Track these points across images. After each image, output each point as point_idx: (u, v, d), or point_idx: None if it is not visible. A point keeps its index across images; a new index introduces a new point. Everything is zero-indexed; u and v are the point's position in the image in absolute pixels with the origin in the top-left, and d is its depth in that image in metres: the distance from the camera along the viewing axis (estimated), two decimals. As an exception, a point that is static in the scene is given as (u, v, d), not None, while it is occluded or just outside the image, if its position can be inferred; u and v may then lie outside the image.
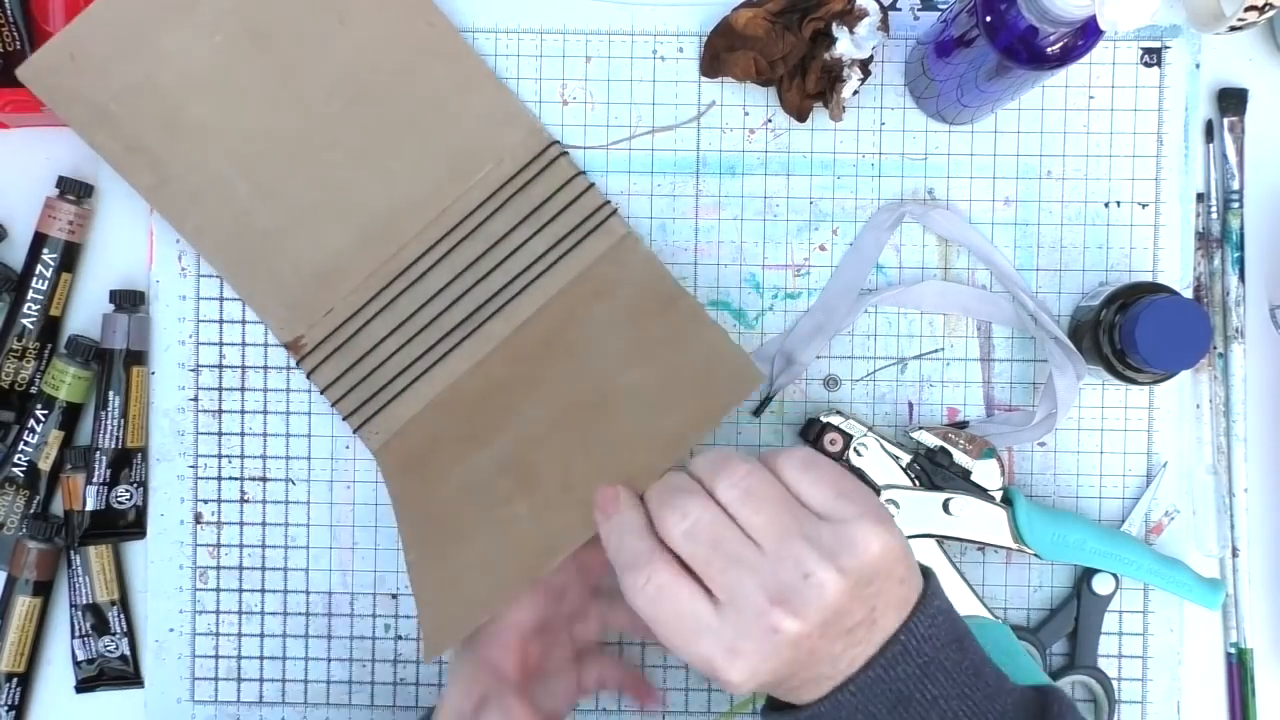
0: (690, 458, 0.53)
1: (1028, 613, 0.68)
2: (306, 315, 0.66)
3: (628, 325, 0.64)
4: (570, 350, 0.64)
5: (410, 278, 0.66)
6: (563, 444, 0.61)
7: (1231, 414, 0.68)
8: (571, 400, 0.63)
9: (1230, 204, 0.68)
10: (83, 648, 0.68)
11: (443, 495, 0.63)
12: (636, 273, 0.65)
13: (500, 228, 0.66)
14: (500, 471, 0.62)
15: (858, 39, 0.63)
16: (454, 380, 0.65)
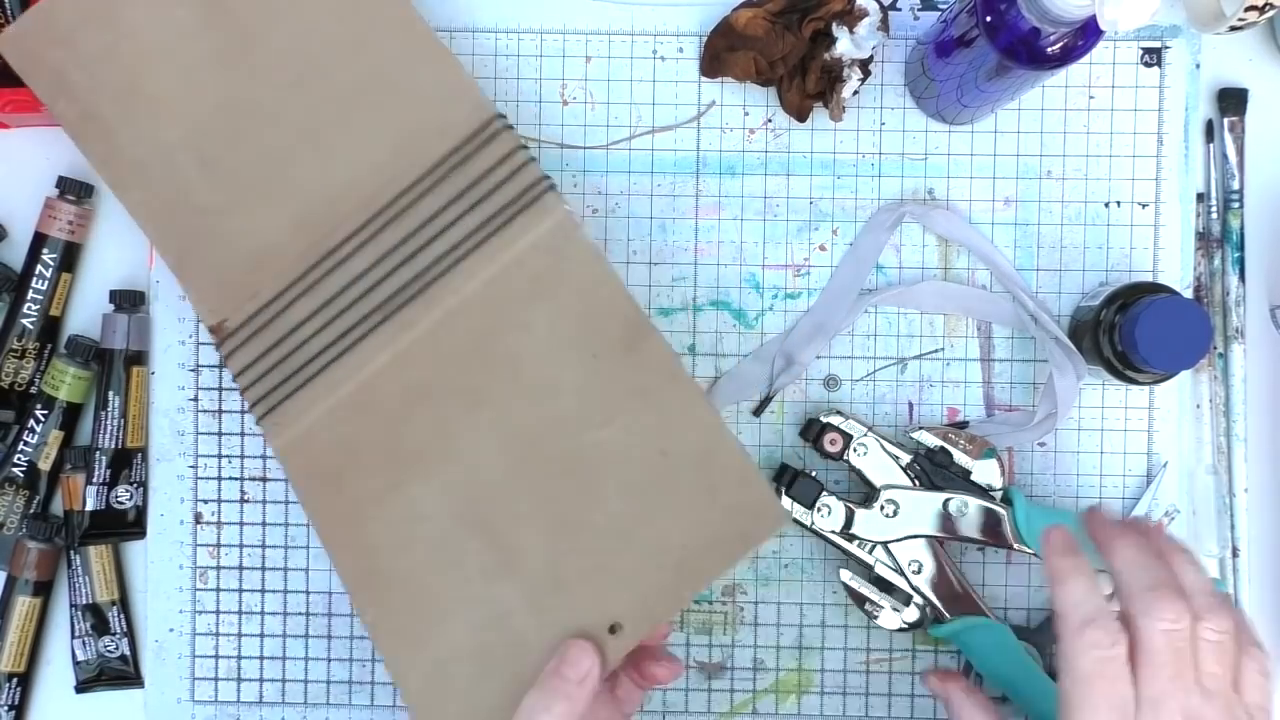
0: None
1: (1028, 613, 0.68)
2: (233, 298, 0.62)
3: (579, 348, 0.58)
4: (514, 366, 0.59)
5: (338, 258, 0.61)
6: (531, 505, 0.58)
7: (1232, 414, 0.68)
8: (528, 439, 0.58)
9: (1230, 204, 0.68)
10: (83, 648, 0.68)
11: (383, 536, 0.59)
12: (581, 271, 0.59)
13: (433, 206, 0.61)
14: (452, 517, 0.58)
15: (858, 39, 0.63)
16: (369, 376, 0.60)
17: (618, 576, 0.56)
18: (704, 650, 0.68)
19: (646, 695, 0.63)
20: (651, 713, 0.68)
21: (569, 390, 0.58)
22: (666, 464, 0.57)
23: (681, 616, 0.68)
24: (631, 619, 0.56)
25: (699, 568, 0.56)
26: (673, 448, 0.57)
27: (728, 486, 0.57)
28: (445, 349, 0.60)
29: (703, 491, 0.57)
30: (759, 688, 0.68)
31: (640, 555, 0.56)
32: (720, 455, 0.57)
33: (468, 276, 0.60)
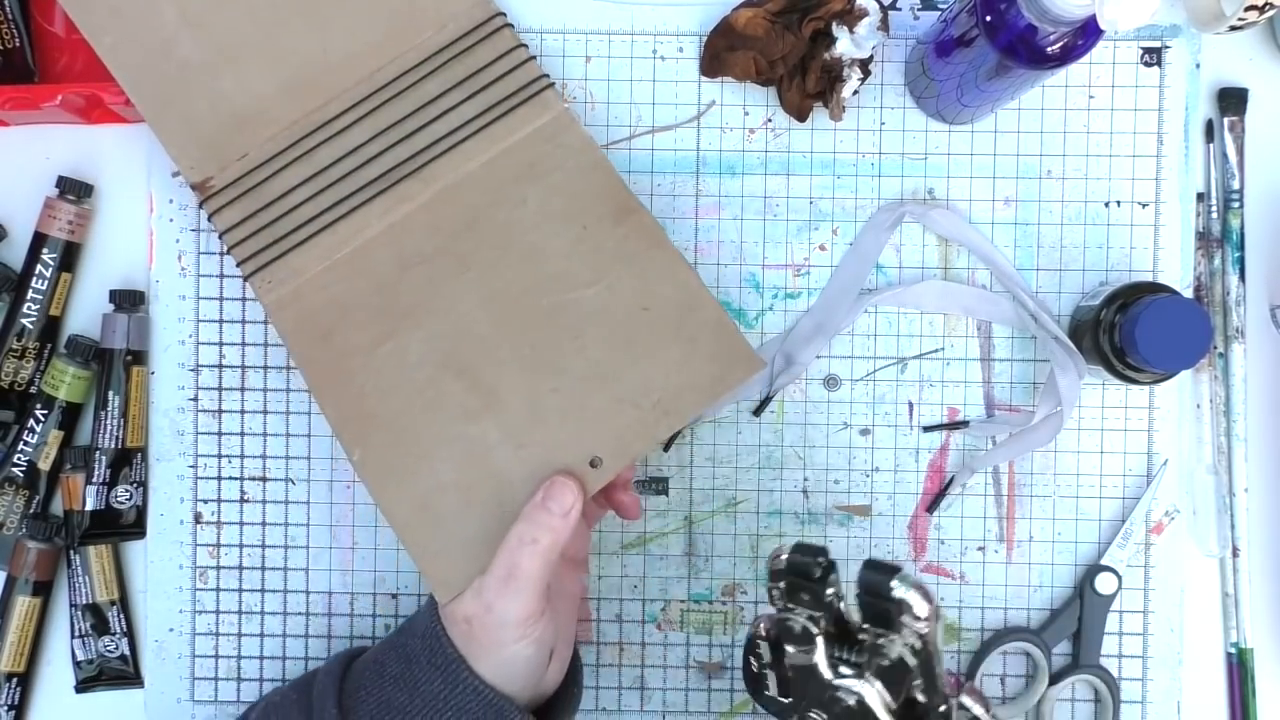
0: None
1: (1028, 613, 0.68)
2: (219, 157, 0.64)
3: (568, 221, 0.62)
4: (505, 237, 0.62)
5: (331, 130, 0.63)
6: (512, 352, 0.60)
7: (1232, 414, 0.68)
8: (512, 296, 0.61)
9: (1230, 204, 0.68)
10: (83, 648, 0.68)
11: (371, 382, 0.61)
12: (574, 158, 0.63)
13: (432, 90, 0.64)
14: (436, 364, 0.60)
15: (858, 39, 0.63)
16: (363, 241, 0.62)
17: (596, 415, 0.59)
18: (704, 650, 0.68)
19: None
20: (651, 713, 0.68)
21: (556, 255, 0.61)
22: (647, 317, 0.60)
23: (681, 616, 0.68)
24: (610, 453, 0.58)
25: (676, 407, 0.59)
26: (654, 304, 0.60)
27: (705, 337, 0.60)
28: (440, 221, 0.62)
29: (682, 341, 0.60)
30: (759, 688, 0.68)
31: (618, 396, 0.59)
32: (699, 310, 0.60)
33: (466, 158, 0.63)
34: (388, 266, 0.62)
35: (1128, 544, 0.67)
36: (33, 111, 0.66)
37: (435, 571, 0.58)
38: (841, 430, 0.68)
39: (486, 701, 0.55)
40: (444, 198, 0.63)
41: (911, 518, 0.68)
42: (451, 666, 0.55)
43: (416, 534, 0.59)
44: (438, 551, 0.58)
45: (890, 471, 0.68)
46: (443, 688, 0.55)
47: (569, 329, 0.60)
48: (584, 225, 0.62)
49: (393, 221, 0.63)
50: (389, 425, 0.60)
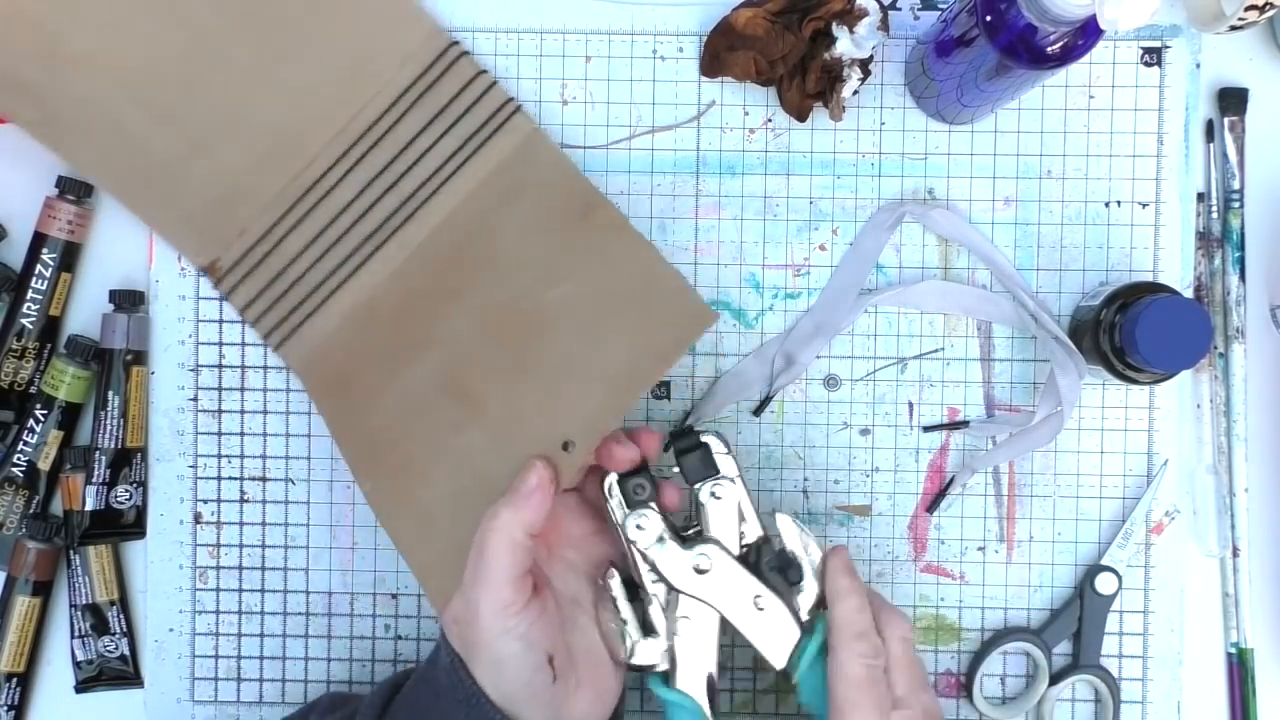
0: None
1: (1028, 613, 0.68)
2: (219, 238, 0.66)
3: (543, 230, 0.64)
4: (490, 258, 0.63)
5: (321, 191, 0.65)
6: (496, 361, 0.62)
7: (1232, 414, 0.68)
8: (497, 311, 0.62)
9: (1231, 204, 0.68)
10: (82, 648, 0.68)
11: (380, 418, 0.63)
12: (546, 172, 0.65)
13: (407, 132, 0.65)
14: (434, 389, 0.62)
15: (858, 39, 0.63)
16: (371, 293, 0.65)
17: (567, 402, 0.60)
18: (704, 650, 0.68)
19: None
20: (651, 713, 0.68)
21: (534, 263, 0.63)
22: (613, 302, 0.61)
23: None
24: (579, 433, 0.58)
25: (637, 376, 0.60)
26: (619, 288, 0.62)
27: (664, 304, 0.61)
28: (432, 259, 0.65)
29: (643, 315, 0.61)
30: (759, 688, 0.68)
31: (586, 380, 0.60)
32: (658, 280, 0.61)
33: (453, 194, 0.65)
34: (392, 310, 0.65)
35: (1128, 544, 0.67)
36: None
37: (431, 581, 0.60)
38: (841, 430, 0.68)
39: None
40: (436, 237, 0.65)
41: (911, 518, 0.68)
42: (473, 701, 0.54)
43: (417, 552, 0.61)
44: (433, 562, 0.60)
45: (890, 471, 0.68)
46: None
47: (542, 328, 0.62)
48: (557, 230, 0.64)
49: (394, 269, 0.65)
50: (392, 453, 0.62)
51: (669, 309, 0.61)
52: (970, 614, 0.68)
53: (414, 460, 0.62)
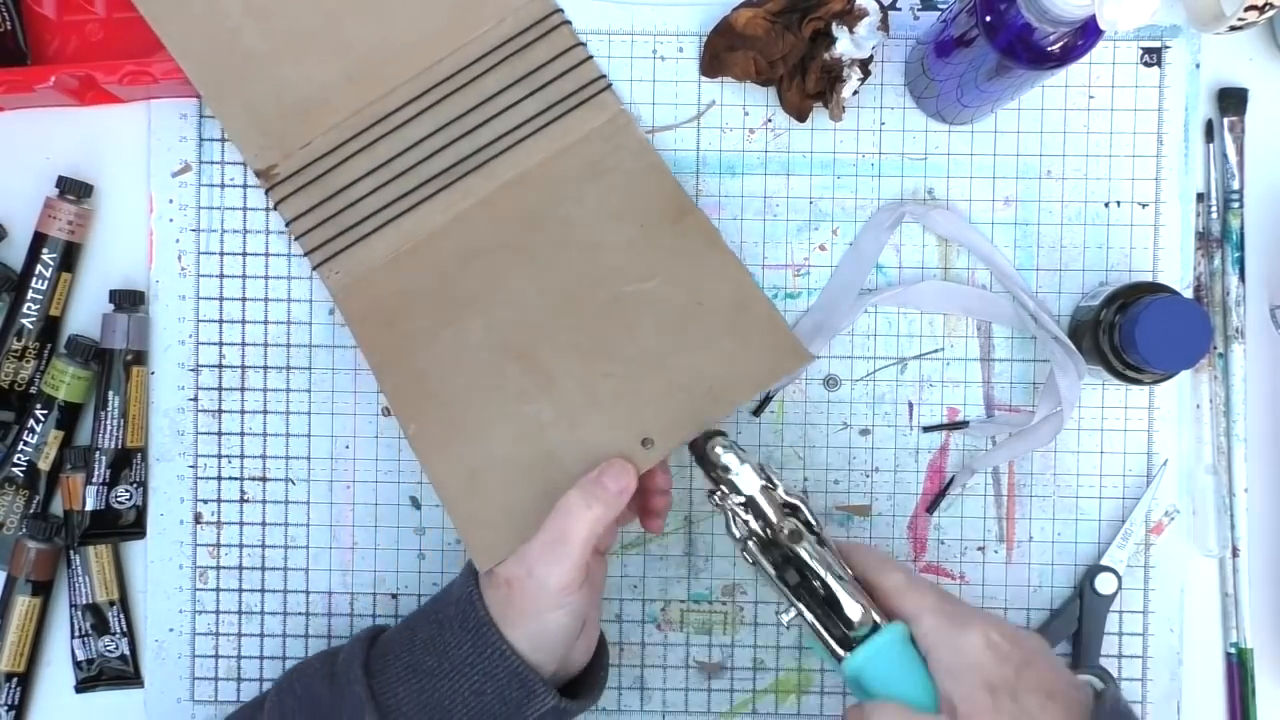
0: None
1: (1027, 613, 0.68)
2: (282, 146, 0.66)
3: (626, 220, 0.64)
4: (564, 232, 0.64)
5: (394, 123, 0.65)
6: (570, 339, 0.62)
7: (1232, 414, 0.68)
8: (572, 288, 0.63)
9: (1230, 204, 0.68)
10: (82, 648, 0.68)
11: (431, 364, 0.63)
12: (631, 161, 0.65)
13: (492, 86, 0.65)
14: (496, 350, 0.63)
15: (857, 39, 0.63)
16: (427, 234, 0.65)
17: (648, 399, 0.61)
18: (704, 650, 0.68)
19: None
20: (651, 713, 0.68)
21: (614, 250, 0.64)
22: (701, 311, 0.63)
23: (681, 616, 0.68)
24: (660, 435, 0.60)
25: (726, 395, 0.61)
26: (707, 299, 0.63)
27: (757, 332, 0.62)
28: (501, 215, 0.65)
29: (733, 335, 0.62)
30: (759, 688, 0.68)
31: (670, 382, 0.61)
32: (751, 306, 0.63)
33: (526, 155, 0.65)
34: (450, 258, 0.64)
35: (1127, 544, 0.67)
36: (26, 94, 0.65)
37: (477, 539, 0.60)
38: (841, 430, 0.68)
39: (513, 670, 0.55)
40: (505, 193, 0.65)
41: (911, 518, 0.68)
42: (483, 630, 0.56)
43: (462, 503, 0.61)
44: (483, 521, 0.60)
45: (890, 472, 0.68)
46: (471, 652, 0.56)
47: (625, 319, 0.62)
48: (641, 224, 0.64)
49: (455, 215, 0.65)
50: (446, 403, 0.62)
51: (764, 338, 0.62)
52: (970, 614, 0.68)
53: (470, 415, 0.62)
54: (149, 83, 0.65)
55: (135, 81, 0.65)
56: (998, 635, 0.53)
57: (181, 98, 0.68)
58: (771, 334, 0.62)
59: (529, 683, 0.56)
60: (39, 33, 0.69)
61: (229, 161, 0.69)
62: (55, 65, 0.67)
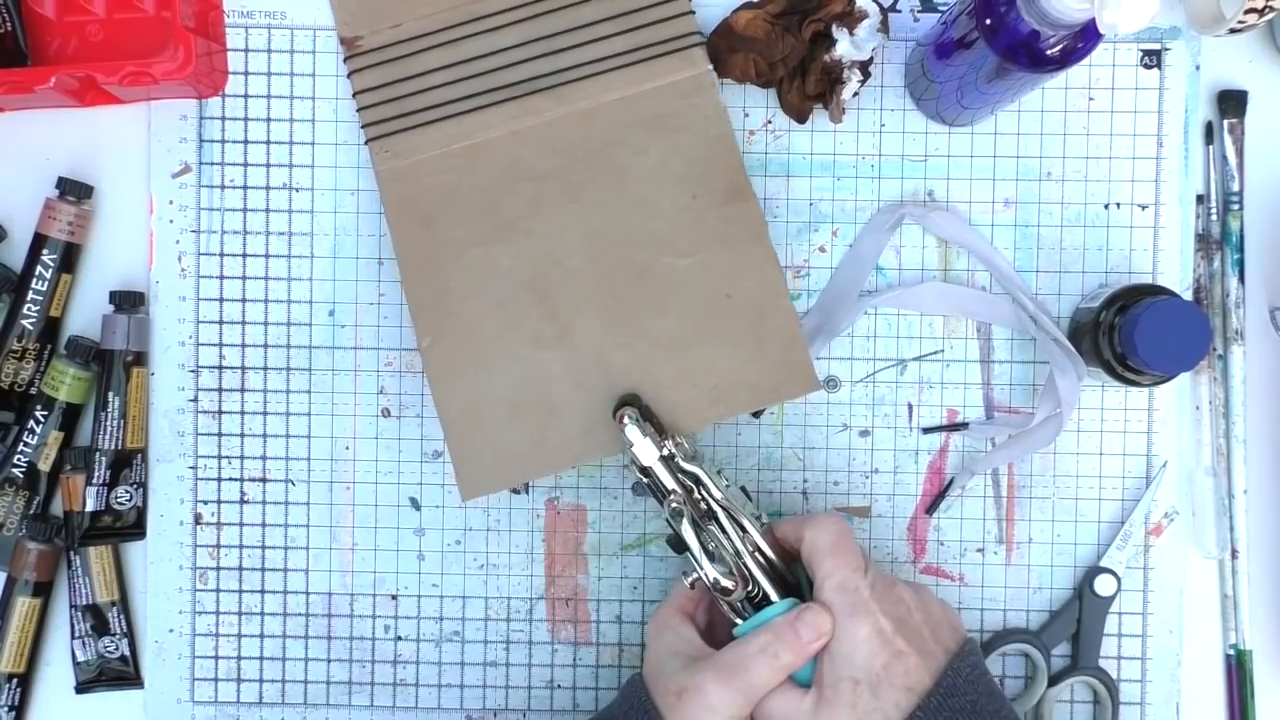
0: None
1: (1027, 614, 0.68)
2: (373, 19, 0.67)
3: (681, 185, 0.64)
4: (618, 177, 0.64)
5: (485, 25, 0.66)
6: (594, 295, 0.63)
7: (1231, 416, 0.68)
8: (613, 239, 0.64)
9: (1230, 206, 0.68)
10: (82, 648, 0.68)
11: (458, 282, 0.64)
12: (704, 123, 0.65)
13: (589, 15, 0.66)
14: (523, 286, 0.64)
15: (857, 41, 0.63)
16: (484, 139, 0.65)
17: (656, 378, 0.63)
18: (703, 651, 0.68)
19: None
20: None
21: (662, 216, 0.64)
22: (728, 305, 0.63)
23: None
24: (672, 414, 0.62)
25: (728, 400, 0.63)
26: (737, 294, 0.63)
27: (775, 344, 0.63)
28: (561, 142, 0.65)
29: (753, 339, 0.63)
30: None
31: (681, 369, 0.63)
32: (776, 315, 0.63)
33: (602, 88, 0.65)
34: (500, 171, 0.65)
35: (1127, 546, 0.67)
36: (26, 95, 0.65)
37: (466, 471, 0.63)
38: (841, 432, 0.68)
39: None
40: (571, 121, 0.65)
41: (911, 519, 0.68)
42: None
43: (460, 432, 0.63)
44: (474, 454, 0.63)
45: (890, 473, 0.68)
46: None
47: (654, 292, 0.64)
48: (694, 195, 0.64)
49: (517, 129, 0.65)
50: (464, 327, 0.64)
51: (780, 353, 0.63)
52: (969, 615, 0.68)
53: (485, 345, 0.64)
54: (149, 83, 0.65)
55: (135, 82, 0.65)
56: (886, 623, 0.54)
57: (181, 98, 0.68)
58: (788, 351, 0.63)
59: None
60: (39, 34, 0.69)
61: (229, 163, 0.69)
62: (55, 66, 0.67)
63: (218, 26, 0.68)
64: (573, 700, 0.69)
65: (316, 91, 0.68)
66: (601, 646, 0.69)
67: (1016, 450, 0.67)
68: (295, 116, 0.68)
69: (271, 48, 0.69)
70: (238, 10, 0.68)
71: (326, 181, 0.68)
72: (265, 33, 0.69)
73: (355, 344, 0.68)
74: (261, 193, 0.68)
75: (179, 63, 0.64)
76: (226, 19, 0.68)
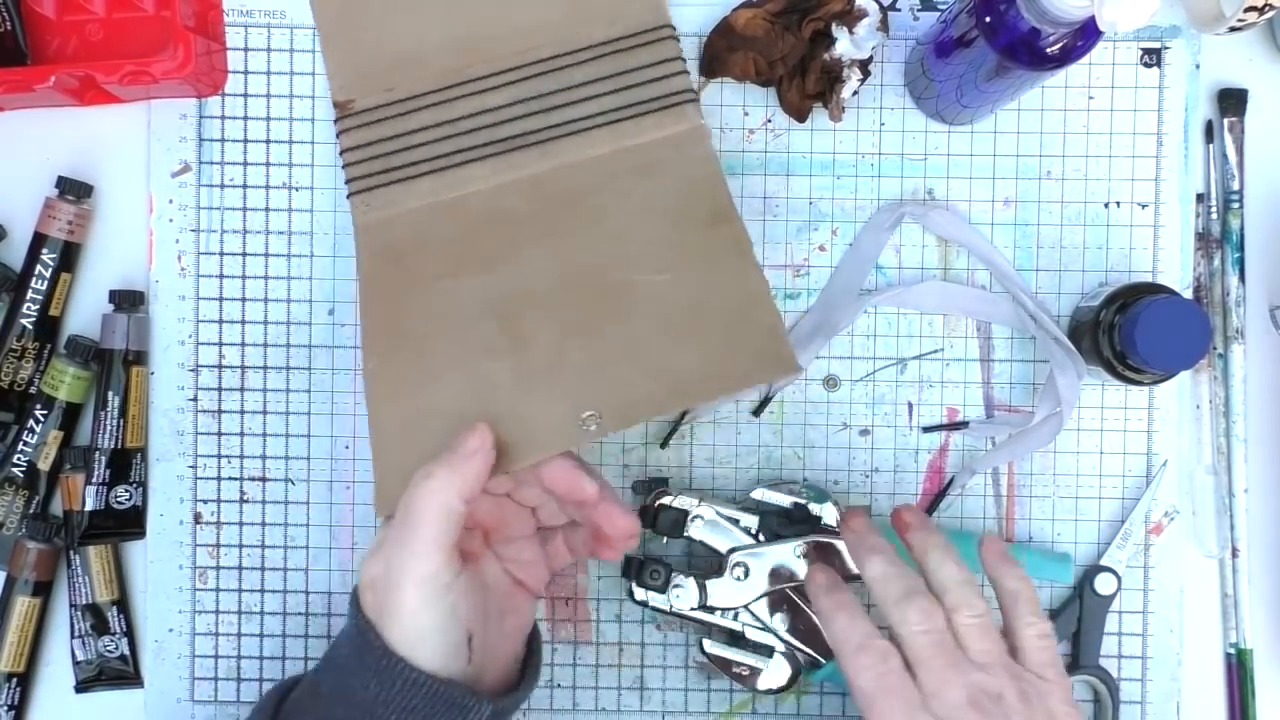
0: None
1: (1027, 613, 0.68)
2: (369, 86, 0.67)
3: (663, 216, 0.62)
4: (599, 218, 0.63)
5: (476, 88, 0.66)
6: (560, 313, 0.60)
7: (1231, 414, 0.68)
8: (582, 264, 0.61)
9: (1230, 204, 0.68)
10: (82, 648, 0.68)
11: (417, 306, 0.62)
12: (690, 167, 0.64)
13: (581, 76, 0.65)
14: (484, 306, 0.61)
15: (857, 39, 0.63)
16: (466, 193, 0.65)
17: (610, 379, 0.58)
18: (703, 650, 0.68)
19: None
20: (651, 713, 0.68)
21: (639, 241, 0.62)
22: (701, 312, 0.59)
23: (681, 617, 0.68)
24: (610, 412, 0.56)
25: (692, 390, 0.58)
26: (713, 303, 0.59)
27: (750, 336, 0.58)
28: (545, 192, 0.64)
29: (724, 336, 0.58)
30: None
31: (640, 369, 0.58)
32: (754, 313, 0.58)
33: (589, 144, 0.65)
34: (478, 220, 0.64)
35: (1127, 544, 0.67)
36: (26, 94, 0.65)
37: (385, 486, 0.57)
38: (841, 431, 0.68)
39: (432, 693, 0.50)
40: (554, 175, 0.64)
41: (911, 518, 0.68)
42: (384, 664, 0.50)
43: (388, 448, 0.58)
44: (398, 468, 0.56)
45: (890, 472, 0.68)
46: (379, 689, 0.50)
47: (622, 306, 0.60)
48: (675, 223, 0.62)
49: (500, 183, 0.65)
50: (414, 346, 0.61)
51: (754, 342, 0.58)
52: (969, 614, 0.68)
53: (431, 359, 0.60)
54: (149, 83, 0.65)
55: (135, 81, 0.65)
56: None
57: (181, 98, 0.68)
58: (764, 339, 0.57)
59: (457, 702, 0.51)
60: (39, 33, 0.69)
61: (229, 162, 0.69)
62: (55, 65, 0.67)
63: (217, 26, 0.68)
64: (572, 700, 0.69)
65: (316, 91, 0.68)
66: (601, 646, 0.69)
67: (1017, 449, 0.67)
68: (295, 115, 0.68)
69: (271, 47, 0.69)
70: (237, 9, 0.68)
71: (326, 181, 0.68)
72: (265, 32, 0.69)
73: (355, 344, 0.68)
74: (261, 192, 0.68)
75: (178, 62, 0.64)
76: (226, 18, 0.68)
